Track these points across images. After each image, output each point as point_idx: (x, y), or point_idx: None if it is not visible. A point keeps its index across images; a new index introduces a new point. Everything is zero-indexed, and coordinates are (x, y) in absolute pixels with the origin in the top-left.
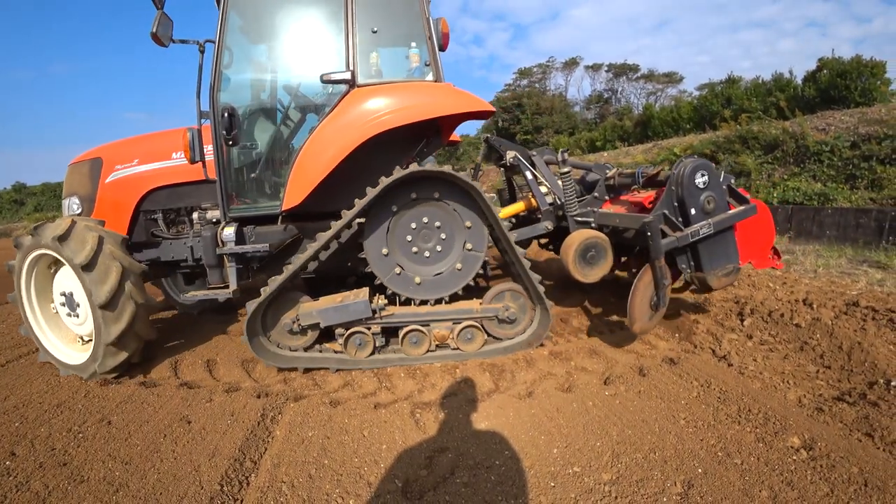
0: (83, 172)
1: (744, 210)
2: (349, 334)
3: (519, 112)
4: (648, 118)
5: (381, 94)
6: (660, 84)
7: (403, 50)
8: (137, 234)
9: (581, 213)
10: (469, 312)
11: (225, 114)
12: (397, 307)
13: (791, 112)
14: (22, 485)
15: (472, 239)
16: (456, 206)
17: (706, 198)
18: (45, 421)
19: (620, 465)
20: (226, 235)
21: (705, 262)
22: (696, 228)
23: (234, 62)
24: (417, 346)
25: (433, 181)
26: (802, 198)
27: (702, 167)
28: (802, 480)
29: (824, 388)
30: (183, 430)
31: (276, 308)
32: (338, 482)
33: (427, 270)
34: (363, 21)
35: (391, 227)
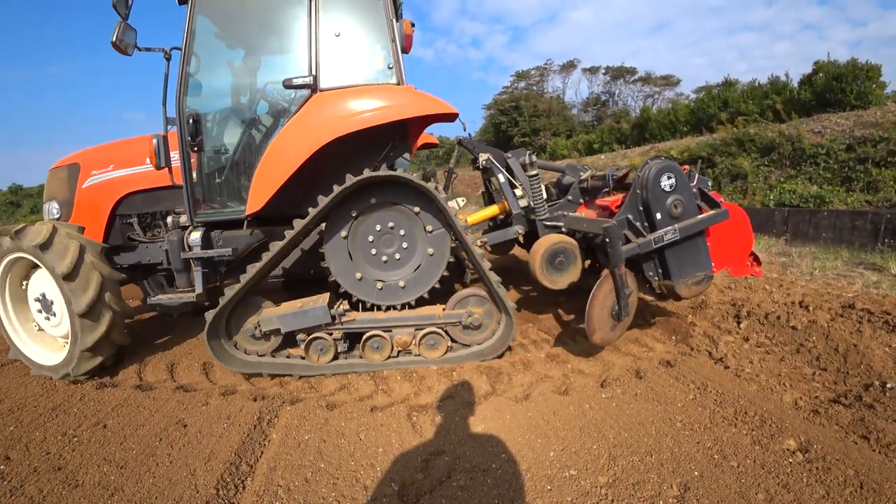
0: (61, 177)
1: (714, 215)
2: (310, 340)
3: (517, 114)
4: (646, 121)
5: (341, 97)
6: (657, 87)
7: (368, 53)
8: (114, 237)
9: (551, 218)
10: (431, 318)
11: (190, 120)
12: (359, 312)
13: (787, 115)
14: (16, 489)
15: (434, 243)
16: (416, 210)
17: (673, 202)
18: (39, 425)
19: (617, 467)
20: (192, 240)
21: (673, 269)
22: (659, 234)
23: (201, 68)
24: (379, 351)
25: (392, 185)
26: (798, 200)
27: (667, 170)
28: (798, 483)
29: (820, 391)
30: (179, 433)
31: (239, 314)
32: (334, 485)
33: (389, 275)
34: (327, 25)
35: (351, 233)
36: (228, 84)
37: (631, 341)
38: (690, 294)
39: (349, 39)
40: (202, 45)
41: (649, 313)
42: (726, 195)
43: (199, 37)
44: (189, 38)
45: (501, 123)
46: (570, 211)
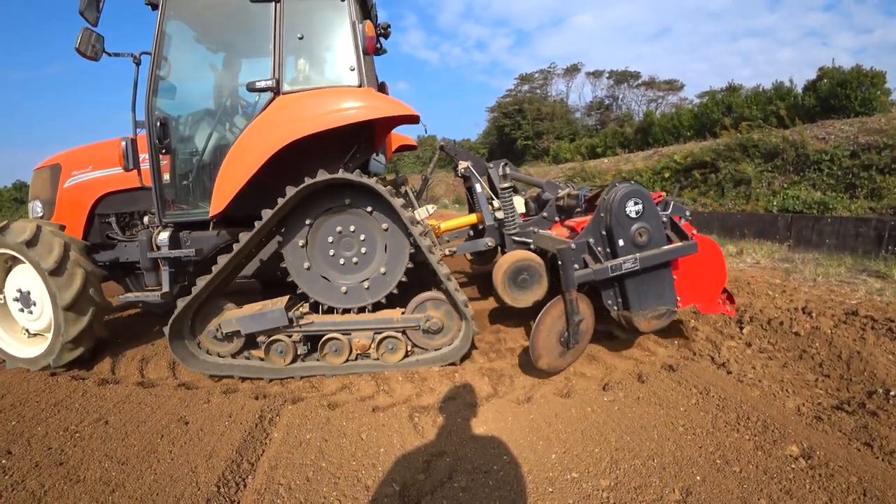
0: (44, 178)
1: (681, 247)
2: (269, 342)
3: (520, 117)
4: (649, 125)
5: (301, 100)
6: (661, 91)
7: (332, 55)
8: (93, 236)
9: (521, 233)
10: (389, 322)
11: (157, 123)
12: (318, 315)
13: (791, 121)
14: (17, 484)
15: (393, 246)
16: (374, 213)
17: (638, 229)
18: (41, 420)
19: (619, 471)
20: (160, 240)
21: (633, 300)
22: (618, 262)
23: (172, 72)
24: (338, 354)
25: (350, 188)
26: (802, 206)
27: (634, 195)
28: (801, 489)
29: (823, 397)
30: (180, 430)
31: (203, 315)
32: (335, 485)
33: (348, 279)
34: (291, 28)
35: (310, 235)
36: (199, 87)
37: (633, 345)
38: (650, 328)
39: (313, 42)
40: (172, 49)
41: None
42: (729, 200)
43: (169, 41)
44: (159, 42)
45: (505, 126)
46: (544, 228)
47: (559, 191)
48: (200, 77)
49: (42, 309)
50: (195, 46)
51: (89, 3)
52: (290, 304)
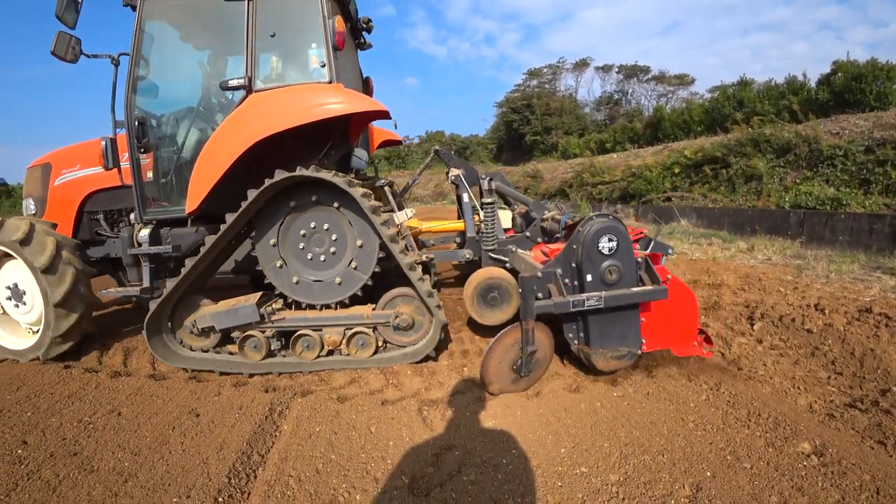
0: (36, 176)
1: (649, 292)
2: (243, 337)
3: (528, 112)
4: (659, 120)
5: (271, 98)
6: (671, 86)
7: (304, 52)
8: (83, 232)
9: (498, 251)
10: (359, 318)
11: (136, 122)
12: (289, 311)
13: (804, 115)
14: (33, 473)
15: (363, 240)
16: (342, 208)
17: (608, 267)
18: (56, 411)
19: (628, 466)
20: (141, 237)
21: (594, 338)
22: (581, 298)
23: (151, 71)
24: (310, 350)
25: (317, 185)
26: (815, 202)
27: (609, 231)
28: (813, 486)
29: (836, 395)
30: (192, 422)
31: (181, 311)
32: (345, 477)
33: (321, 275)
34: (264, 26)
35: (282, 233)
36: (178, 86)
37: None
38: (608, 367)
39: (285, 39)
40: (150, 49)
41: None
42: (740, 196)
43: (146, 40)
44: (137, 42)
45: (513, 122)
46: (526, 247)
47: (546, 212)
48: (179, 76)
49: (33, 303)
50: (173, 46)
51: (67, 6)
52: (262, 301)
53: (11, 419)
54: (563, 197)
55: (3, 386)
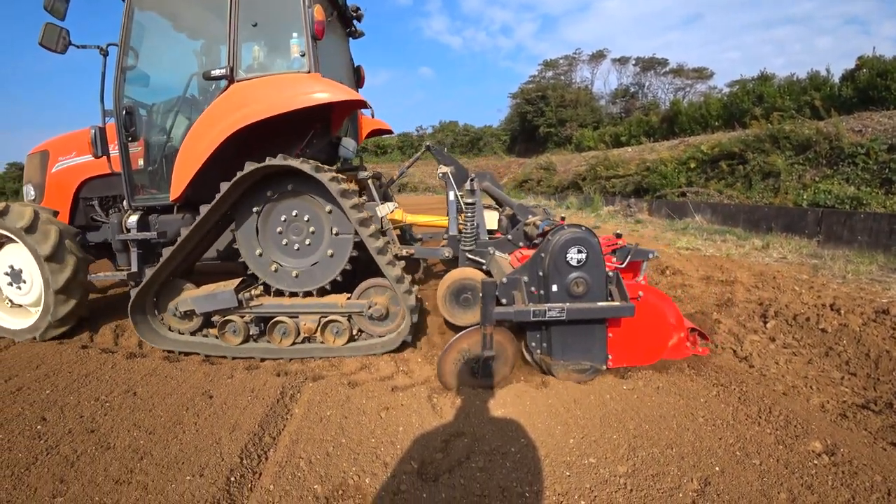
0: (35, 163)
1: (615, 308)
2: (222, 321)
3: (543, 104)
4: (676, 114)
5: (249, 89)
6: (689, 79)
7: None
8: (79, 218)
9: (476, 252)
10: (334, 307)
11: (124, 112)
12: (267, 298)
13: (826, 112)
14: (52, 448)
15: (339, 227)
16: (316, 196)
17: (575, 279)
18: (73, 390)
19: (636, 458)
20: (129, 223)
21: (556, 349)
22: (542, 308)
23: (141, 61)
24: (287, 336)
25: (292, 174)
26: (834, 201)
27: (579, 243)
28: (823, 485)
29: (849, 395)
30: (205, 404)
31: (164, 295)
32: (354, 460)
33: (299, 262)
34: (246, 16)
35: (261, 223)
36: (169, 76)
37: None
38: (568, 379)
39: (267, 29)
40: (141, 39)
41: None
42: (757, 193)
43: (137, 30)
44: (126, 32)
45: (527, 113)
46: (507, 251)
47: (530, 216)
48: (170, 65)
49: (31, 285)
50: (163, 35)
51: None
52: (240, 287)
53: (31, 396)
54: (577, 190)
55: (24, 364)
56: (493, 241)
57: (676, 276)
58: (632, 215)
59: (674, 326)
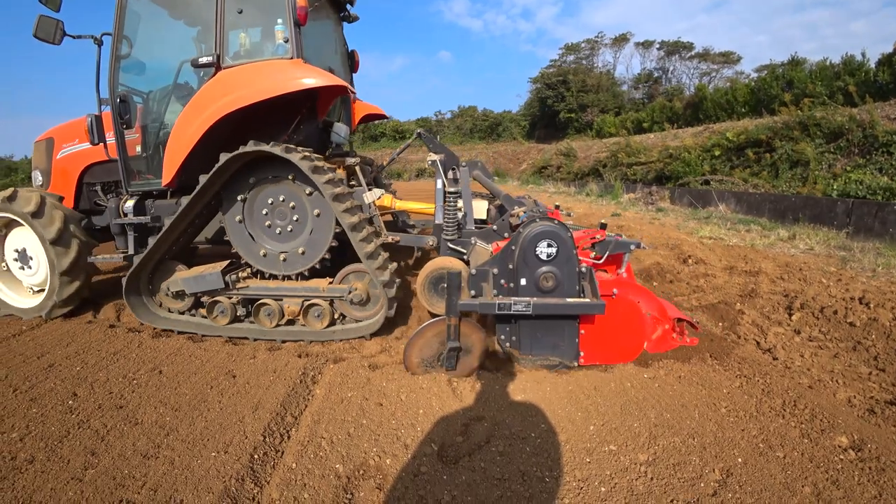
0: (42, 150)
1: (583, 305)
2: (211, 302)
3: (563, 89)
4: (700, 100)
5: (233, 76)
6: (715, 64)
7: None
8: (83, 203)
9: (457, 241)
10: (316, 291)
11: (118, 100)
12: (254, 280)
13: (861, 98)
14: (83, 423)
15: (321, 209)
16: (296, 180)
17: (545, 273)
18: (103, 367)
19: (657, 447)
20: (126, 207)
21: (524, 343)
22: (507, 302)
23: (136, 50)
24: (270, 318)
25: (272, 159)
26: (866, 191)
27: (550, 237)
28: (849, 480)
29: (877, 391)
30: (228, 383)
31: (158, 275)
32: (375, 441)
33: (286, 246)
34: (232, 3)
35: (247, 209)
36: (164, 63)
37: None
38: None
39: (253, 15)
40: (137, 27)
41: (695, 299)
42: (784, 182)
43: (132, 19)
44: (119, 22)
45: (547, 98)
46: (491, 241)
47: (516, 207)
48: (166, 53)
49: (37, 268)
50: (159, 23)
51: None
52: (227, 269)
53: (63, 372)
54: (597, 177)
55: (55, 342)
56: (480, 232)
57: (699, 265)
58: (653, 203)
59: (655, 320)
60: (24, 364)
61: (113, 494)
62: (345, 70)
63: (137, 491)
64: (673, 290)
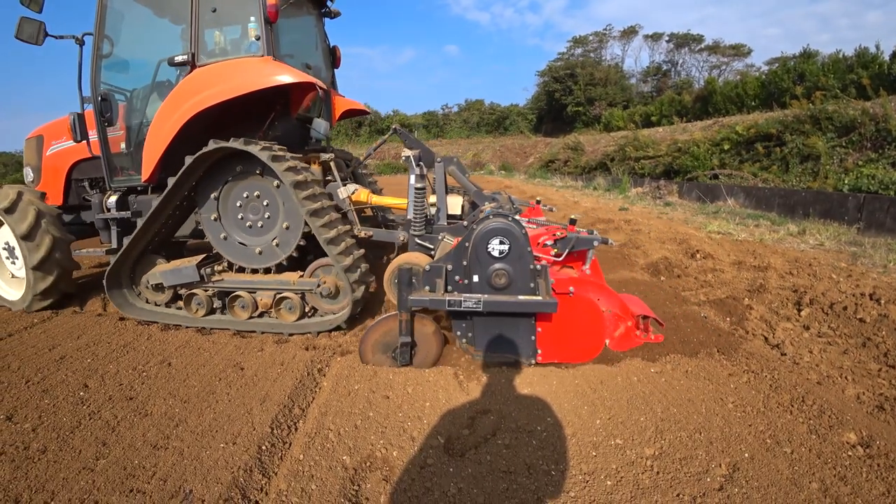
0: (32, 147)
1: (535, 303)
2: (188, 295)
3: (571, 82)
4: (710, 93)
5: (208, 74)
6: (725, 57)
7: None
8: (72, 198)
9: (425, 237)
10: (287, 284)
11: (99, 98)
12: (228, 273)
13: (874, 92)
14: (94, 413)
15: (290, 200)
16: (264, 174)
17: (497, 270)
18: (113, 359)
19: (664, 441)
20: (109, 202)
21: (479, 340)
22: (457, 299)
23: (118, 49)
24: (244, 310)
25: (239, 156)
26: (878, 186)
27: (501, 234)
28: (857, 477)
29: (886, 388)
30: (236, 375)
31: (140, 268)
32: (382, 433)
33: (260, 240)
34: (206, 2)
35: (221, 207)
36: (147, 61)
37: (683, 318)
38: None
39: (225, 14)
40: (120, 26)
41: (702, 293)
42: (794, 176)
43: (115, 18)
44: (100, 22)
45: (555, 91)
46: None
47: (487, 203)
48: (149, 51)
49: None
50: (142, 21)
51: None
52: (203, 262)
53: (74, 364)
54: (605, 171)
55: (66, 334)
56: (451, 228)
57: (707, 260)
58: (661, 197)
59: (616, 317)
60: (35, 356)
61: (123, 484)
62: (326, 66)
63: (147, 481)
64: (681, 285)
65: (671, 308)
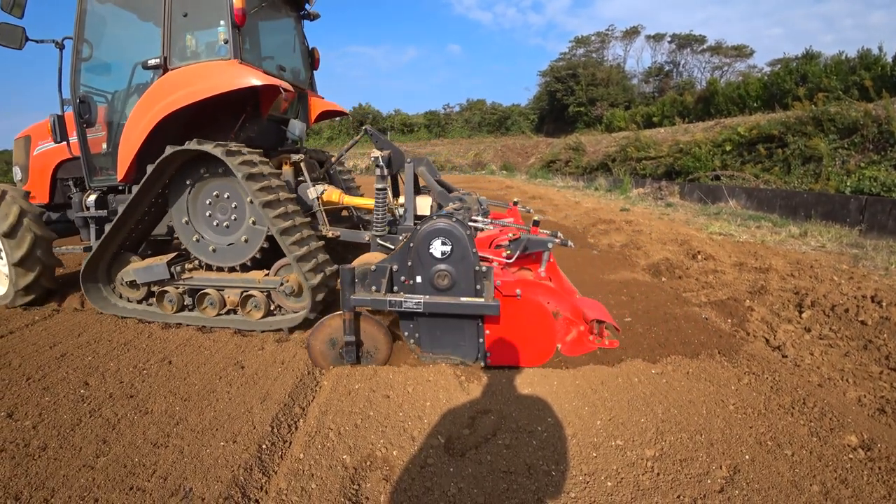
0: (21, 147)
1: (476, 304)
2: (160, 292)
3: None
4: (712, 94)
5: (177, 77)
6: (727, 58)
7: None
8: (58, 197)
9: (386, 237)
10: (252, 282)
11: (78, 100)
12: (197, 272)
13: (877, 93)
14: (95, 411)
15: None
16: (227, 173)
17: (439, 272)
18: (114, 357)
19: (664, 442)
20: (88, 201)
21: (424, 341)
22: (398, 300)
23: (98, 52)
24: (214, 307)
25: (203, 158)
26: (880, 188)
27: (443, 235)
28: (858, 480)
29: (887, 391)
30: (237, 373)
31: (115, 266)
32: (382, 433)
33: (231, 238)
34: (178, 6)
35: (190, 210)
36: (127, 64)
37: (684, 320)
38: None
39: (196, 17)
40: (101, 30)
41: (703, 295)
42: (796, 178)
43: (96, 22)
44: (79, 25)
45: (557, 92)
46: None
47: (451, 203)
48: (128, 54)
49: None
50: (122, 24)
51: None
52: (173, 260)
53: (75, 362)
54: (606, 171)
55: (67, 332)
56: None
57: (708, 261)
58: (662, 198)
59: (568, 321)
60: (36, 353)
61: (124, 482)
62: (305, 67)
63: (147, 479)
64: (682, 286)
65: (672, 309)
